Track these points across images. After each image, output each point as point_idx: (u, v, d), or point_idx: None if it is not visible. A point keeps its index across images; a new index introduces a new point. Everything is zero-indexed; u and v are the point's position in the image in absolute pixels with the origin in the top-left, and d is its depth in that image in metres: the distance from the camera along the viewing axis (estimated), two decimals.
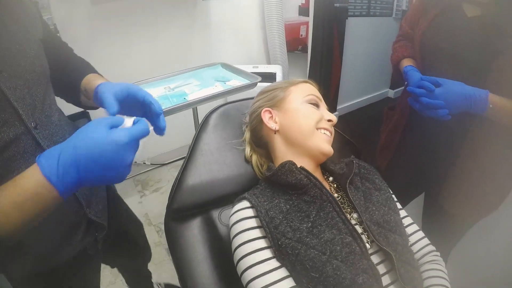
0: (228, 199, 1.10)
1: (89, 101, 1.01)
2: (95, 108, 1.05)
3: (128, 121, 0.71)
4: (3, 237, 0.60)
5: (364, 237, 0.93)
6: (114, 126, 0.68)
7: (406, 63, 1.43)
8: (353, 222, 0.95)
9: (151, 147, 3.24)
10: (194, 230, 1.08)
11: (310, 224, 0.88)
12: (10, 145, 0.74)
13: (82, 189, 0.99)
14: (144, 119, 0.73)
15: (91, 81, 0.98)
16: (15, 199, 0.60)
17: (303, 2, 3.59)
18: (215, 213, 1.12)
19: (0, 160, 0.73)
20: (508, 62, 1.09)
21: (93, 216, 1.03)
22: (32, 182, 0.61)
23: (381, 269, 0.89)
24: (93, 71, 1.05)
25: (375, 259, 0.89)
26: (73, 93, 1.04)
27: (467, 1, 1.22)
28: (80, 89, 1.01)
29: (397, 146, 1.63)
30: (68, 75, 1.03)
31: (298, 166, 0.99)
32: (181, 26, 2.81)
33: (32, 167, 0.62)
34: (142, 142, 0.70)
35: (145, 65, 2.67)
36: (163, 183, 3.13)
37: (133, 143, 0.68)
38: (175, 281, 2.20)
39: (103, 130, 0.65)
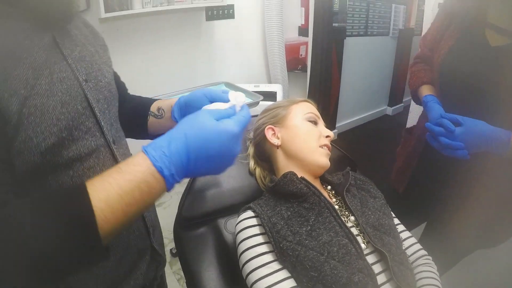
0: (233, 208, 1.17)
1: (159, 123, 1.01)
2: (158, 135, 1.02)
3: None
4: (104, 234, 0.54)
5: (360, 238, 1.00)
6: (221, 118, 0.66)
7: (426, 91, 1.35)
8: (350, 225, 1.03)
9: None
10: (201, 238, 1.15)
11: (309, 228, 0.96)
12: (91, 155, 0.73)
13: (149, 212, 0.96)
14: (245, 105, 0.74)
15: (164, 101, 1.02)
16: (123, 185, 0.56)
17: (303, 23, 3.67)
18: (221, 222, 1.19)
19: (81, 169, 0.71)
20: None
21: (156, 245, 0.98)
22: (142, 169, 0.58)
23: (376, 268, 0.95)
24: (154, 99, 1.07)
25: (370, 259, 0.96)
26: (139, 120, 1.02)
27: (491, 28, 1.13)
28: (150, 111, 1.01)
29: (413, 171, 1.53)
30: (135, 103, 1.05)
31: (299, 176, 1.07)
32: (186, 46, 2.89)
33: (138, 157, 0.60)
34: None
35: (150, 83, 2.72)
36: (166, 198, 3.14)
37: (241, 132, 0.67)
38: None
39: (212, 120, 0.64)
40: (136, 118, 1.03)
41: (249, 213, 1.03)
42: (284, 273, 0.91)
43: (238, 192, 1.21)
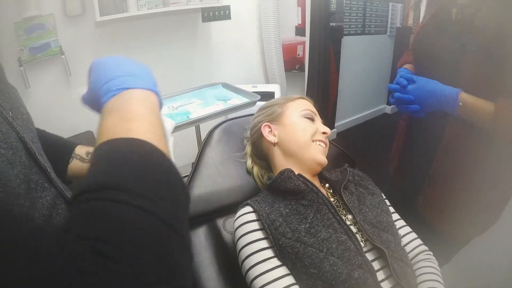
0: (231, 208, 1.16)
1: (83, 168, 0.91)
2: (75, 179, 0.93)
3: None
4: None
5: (358, 236, 1.00)
6: None
7: (405, 67, 1.45)
8: (348, 222, 1.02)
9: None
10: (200, 237, 1.14)
11: (308, 225, 0.95)
12: (51, 215, 0.58)
13: None
14: None
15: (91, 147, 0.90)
16: (154, 113, 0.54)
17: (300, 22, 3.67)
18: (219, 222, 1.19)
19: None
20: (477, 59, 1.09)
21: None
22: (137, 92, 0.56)
23: (376, 265, 0.95)
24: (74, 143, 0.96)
25: (369, 256, 0.96)
26: (57, 163, 0.79)
27: (456, 6, 1.22)
28: (74, 154, 0.92)
29: (400, 153, 1.61)
30: (52, 142, 0.89)
31: (296, 173, 1.06)
32: (183, 48, 2.88)
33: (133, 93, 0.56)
34: None
35: None
36: None
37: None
38: None
39: None
40: (53, 161, 0.75)
41: (248, 208, 1.03)
42: (283, 270, 0.91)
43: (237, 191, 1.21)
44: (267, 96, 2.78)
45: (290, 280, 0.89)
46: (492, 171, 1.22)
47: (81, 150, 0.93)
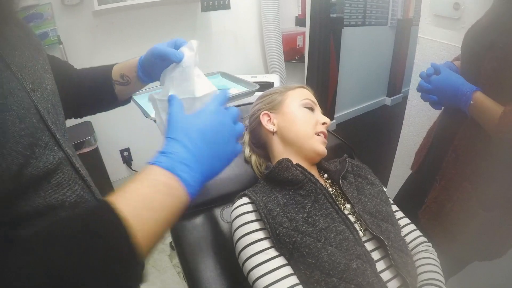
0: (229, 197, 1.15)
1: (127, 89, 0.99)
2: (128, 100, 1.08)
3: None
4: (144, 250, 0.51)
5: (357, 226, 0.98)
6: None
7: (451, 62, 1.37)
8: (346, 212, 1.01)
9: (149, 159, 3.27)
10: (198, 227, 1.13)
11: (305, 214, 0.94)
12: (56, 171, 0.67)
13: None
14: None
15: (124, 65, 0.98)
16: (144, 191, 0.55)
17: (300, 13, 3.65)
18: (217, 211, 1.18)
19: (49, 187, 0.65)
20: (500, 58, 1.04)
21: None
22: (159, 172, 0.57)
23: (375, 255, 0.94)
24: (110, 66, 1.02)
25: (368, 246, 0.95)
26: (105, 93, 0.99)
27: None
28: (113, 81, 0.98)
29: (427, 151, 1.50)
30: (92, 77, 1.00)
31: (294, 163, 1.05)
32: (182, 37, 2.85)
33: (147, 167, 0.58)
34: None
35: None
36: None
37: (220, 106, 0.69)
38: (178, 287, 2.25)
39: (182, 113, 0.67)
40: (102, 92, 0.99)
41: (245, 199, 1.02)
42: (281, 260, 0.90)
43: (234, 180, 1.20)
44: (266, 86, 2.73)
45: (287, 270, 0.88)
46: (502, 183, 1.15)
47: (116, 75, 0.98)
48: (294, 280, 0.87)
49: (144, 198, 0.54)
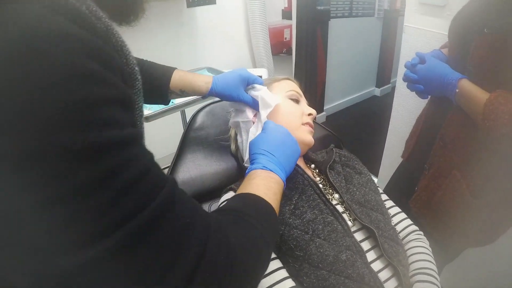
0: (217, 192, 1.13)
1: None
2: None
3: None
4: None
5: (346, 216, 0.97)
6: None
7: (439, 50, 1.35)
8: (334, 202, 1.00)
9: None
10: None
11: (292, 207, 0.92)
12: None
13: None
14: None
15: (184, 80, 1.06)
16: (263, 182, 0.76)
17: (286, 6, 3.61)
18: (205, 206, 1.16)
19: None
20: (489, 43, 1.01)
21: None
22: (264, 172, 0.79)
23: (365, 245, 0.93)
24: (169, 69, 1.09)
25: (358, 236, 0.94)
26: (156, 98, 1.08)
27: None
28: (170, 90, 1.06)
29: (416, 139, 1.48)
30: (150, 77, 1.04)
31: None
32: (168, 34, 2.83)
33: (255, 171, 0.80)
34: None
35: None
36: None
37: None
38: None
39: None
40: (152, 94, 1.04)
41: (231, 193, 1.01)
42: None
43: (221, 175, 1.18)
44: None
45: (276, 264, 0.87)
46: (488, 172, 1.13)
47: (176, 87, 1.07)
48: (283, 273, 0.85)
49: (268, 187, 0.75)
